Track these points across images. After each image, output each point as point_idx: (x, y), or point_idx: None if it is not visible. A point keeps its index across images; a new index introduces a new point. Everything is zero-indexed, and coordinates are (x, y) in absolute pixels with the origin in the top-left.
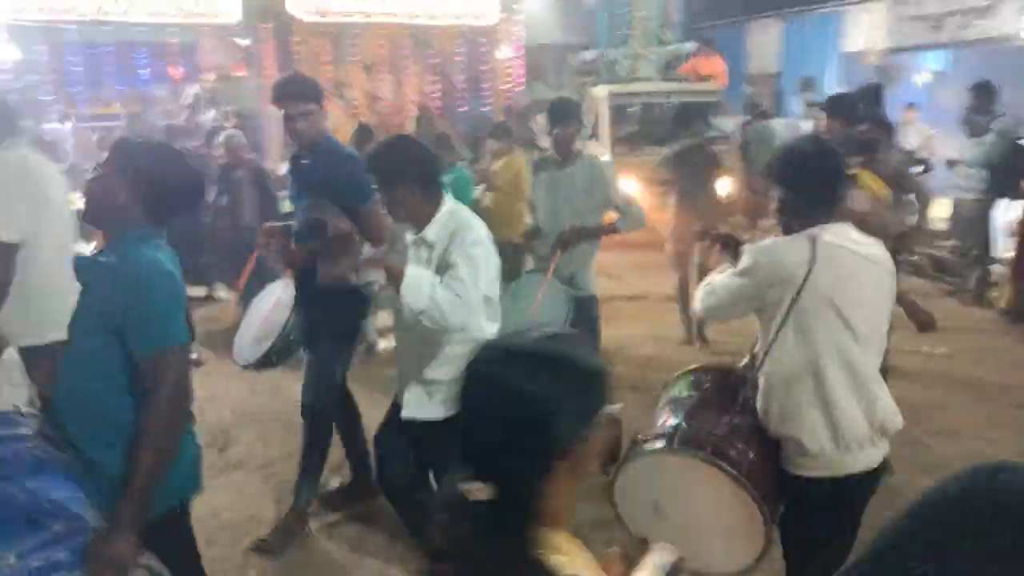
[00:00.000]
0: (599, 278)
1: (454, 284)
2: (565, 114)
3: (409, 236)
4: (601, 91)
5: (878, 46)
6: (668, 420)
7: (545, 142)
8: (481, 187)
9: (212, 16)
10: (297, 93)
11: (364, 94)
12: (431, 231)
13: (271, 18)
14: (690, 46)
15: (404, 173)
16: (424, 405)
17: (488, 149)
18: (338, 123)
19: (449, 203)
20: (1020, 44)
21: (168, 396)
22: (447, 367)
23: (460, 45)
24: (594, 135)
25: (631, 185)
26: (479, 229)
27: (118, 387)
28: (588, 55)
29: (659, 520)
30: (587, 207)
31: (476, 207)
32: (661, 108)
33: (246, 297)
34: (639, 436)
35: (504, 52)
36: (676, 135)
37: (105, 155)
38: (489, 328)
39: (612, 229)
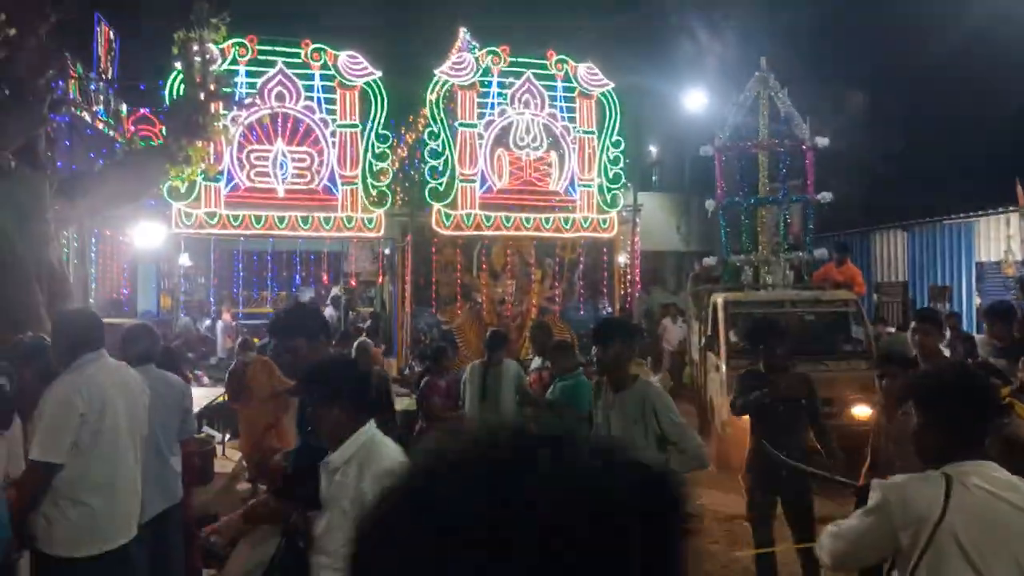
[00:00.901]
0: None
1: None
2: (607, 333)
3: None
4: (718, 299)
5: (1014, 256)
6: None
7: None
8: None
9: (360, 230)
10: (287, 328)
11: (489, 298)
12: (336, 457)
13: (414, 233)
14: (823, 252)
15: (339, 392)
16: None
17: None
18: (465, 324)
19: (369, 430)
20: None
21: None
22: None
23: (580, 254)
24: (713, 347)
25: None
26: (389, 459)
27: None
28: (710, 260)
29: None
30: (640, 441)
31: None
32: (788, 318)
33: None
34: None
35: (622, 259)
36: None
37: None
38: None
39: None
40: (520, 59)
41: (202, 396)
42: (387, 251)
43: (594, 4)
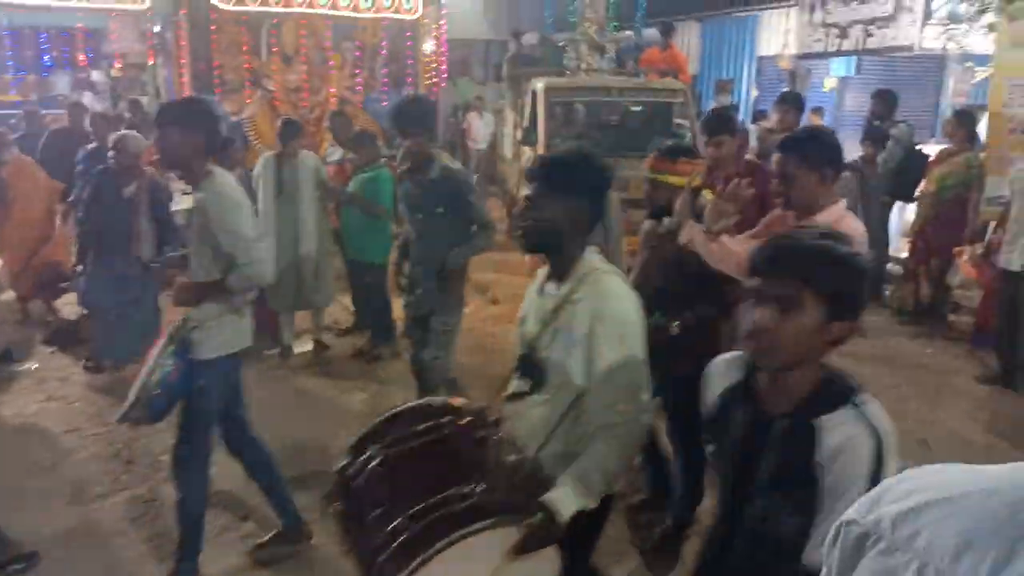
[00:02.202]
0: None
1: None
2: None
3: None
4: (538, 84)
5: (789, 51)
6: None
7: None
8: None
9: (120, 1)
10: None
11: (282, 86)
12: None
13: (186, 4)
14: (654, 33)
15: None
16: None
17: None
18: (256, 114)
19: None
20: (918, 53)
21: None
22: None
23: (383, 38)
24: (527, 139)
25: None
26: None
27: None
28: (529, 38)
29: None
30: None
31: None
32: (613, 109)
33: None
34: None
35: (428, 46)
36: (634, 142)
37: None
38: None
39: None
40: None
41: None
42: (157, 28)
43: None
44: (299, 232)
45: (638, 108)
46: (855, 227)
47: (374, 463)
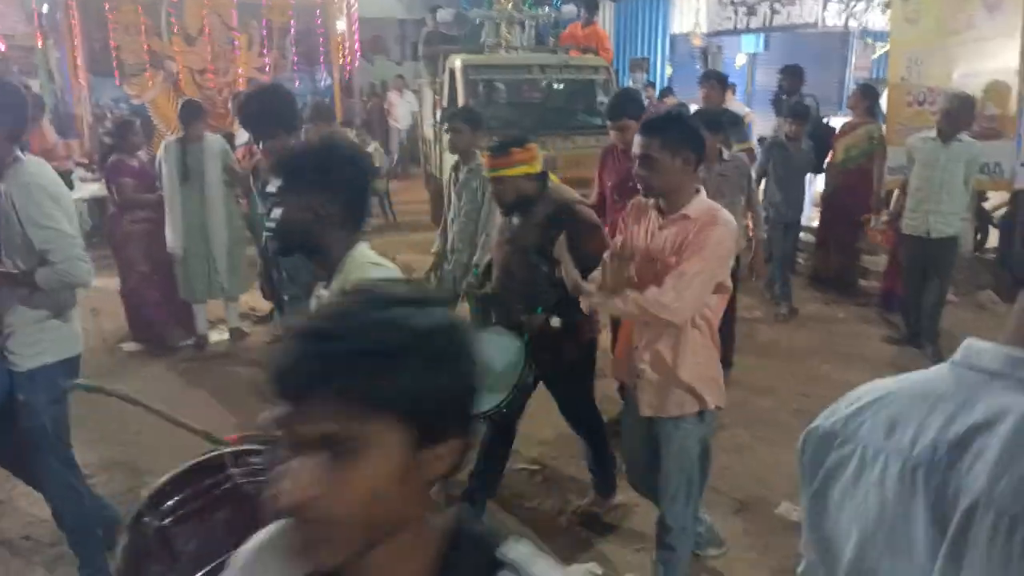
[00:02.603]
0: None
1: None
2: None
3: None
4: (455, 62)
5: (701, 29)
6: None
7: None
8: None
9: None
10: None
11: (186, 67)
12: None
13: None
14: (571, 9)
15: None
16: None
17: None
18: (160, 97)
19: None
20: (823, 31)
21: None
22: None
23: (291, 17)
24: (446, 120)
25: None
26: None
27: None
28: (445, 14)
29: None
30: None
31: None
32: (534, 86)
33: None
34: None
35: (340, 25)
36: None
37: None
38: None
39: None
40: None
41: None
42: (44, 8)
43: None
44: (207, 219)
45: (561, 85)
46: (727, 219)
47: (157, 525)
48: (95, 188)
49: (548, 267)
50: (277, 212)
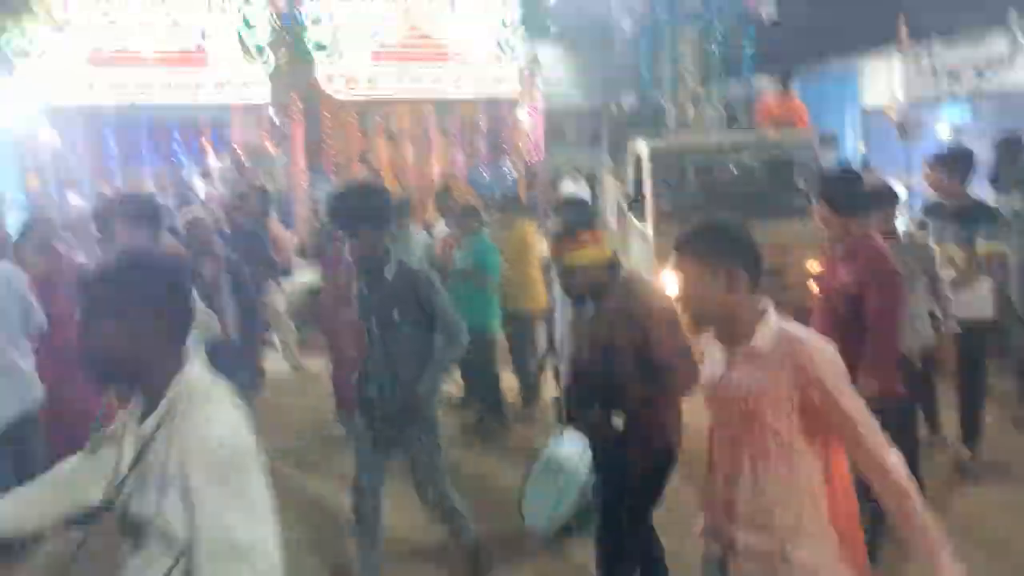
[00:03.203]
0: None
1: None
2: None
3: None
4: (641, 147)
5: (897, 99)
6: None
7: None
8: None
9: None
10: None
11: (388, 164)
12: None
13: (302, 95)
14: (765, 83)
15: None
16: None
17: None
18: None
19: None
20: None
21: None
22: None
23: (481, 113)
24: (632, 208)
25: None
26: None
27: None
28: (628, 99)
29: None
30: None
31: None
32: (728, 168)
33: None
34: None
35: (524, 118)
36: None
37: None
38: None
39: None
40: None
41: None
42: (274, 116)
43: None
44: None
45: (759, 166)
46: (811, 333)
47: None
48: (310, 276)
49: (624, 362)
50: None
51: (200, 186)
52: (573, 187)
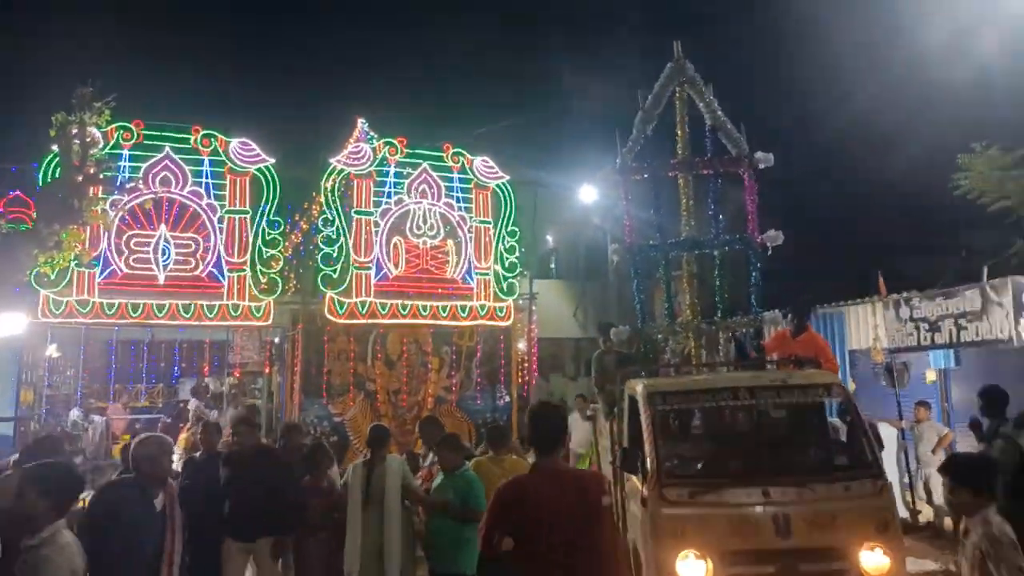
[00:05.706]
0: None
1: None
2: None
3: None
4: (637, 388)
5: (881, 344)
6: None
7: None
8: None
9: (247, 319)
10: None
11: (383, 388)
12: None
13: (305, 321)
14: (775, 315)
15: None
16: None
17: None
18: (358, 415)
19: None
20: (1016, 347)
21: None
22: None
23: (478, 342)
24: (627, 464)
25: None
26: None
27: None
28: (621, 331)
29: None
30: None
31: None
32: (742, 414)
33: None
34: None
35: (520, 347)
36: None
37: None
38: None
39: None
40: (417, 150)
41: None
42: (276, 340)
43: (494, 102)
44: (385, 539)
45: (779, 412)
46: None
47: None
48: None
49: None
50: None
51: (195, 404)
52: (580, 423)
